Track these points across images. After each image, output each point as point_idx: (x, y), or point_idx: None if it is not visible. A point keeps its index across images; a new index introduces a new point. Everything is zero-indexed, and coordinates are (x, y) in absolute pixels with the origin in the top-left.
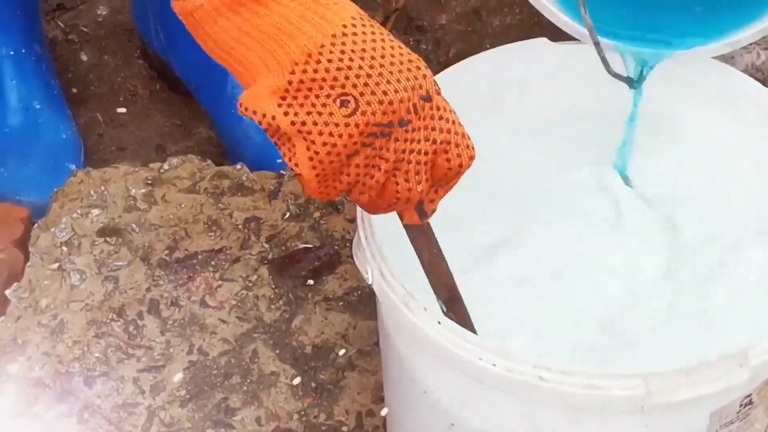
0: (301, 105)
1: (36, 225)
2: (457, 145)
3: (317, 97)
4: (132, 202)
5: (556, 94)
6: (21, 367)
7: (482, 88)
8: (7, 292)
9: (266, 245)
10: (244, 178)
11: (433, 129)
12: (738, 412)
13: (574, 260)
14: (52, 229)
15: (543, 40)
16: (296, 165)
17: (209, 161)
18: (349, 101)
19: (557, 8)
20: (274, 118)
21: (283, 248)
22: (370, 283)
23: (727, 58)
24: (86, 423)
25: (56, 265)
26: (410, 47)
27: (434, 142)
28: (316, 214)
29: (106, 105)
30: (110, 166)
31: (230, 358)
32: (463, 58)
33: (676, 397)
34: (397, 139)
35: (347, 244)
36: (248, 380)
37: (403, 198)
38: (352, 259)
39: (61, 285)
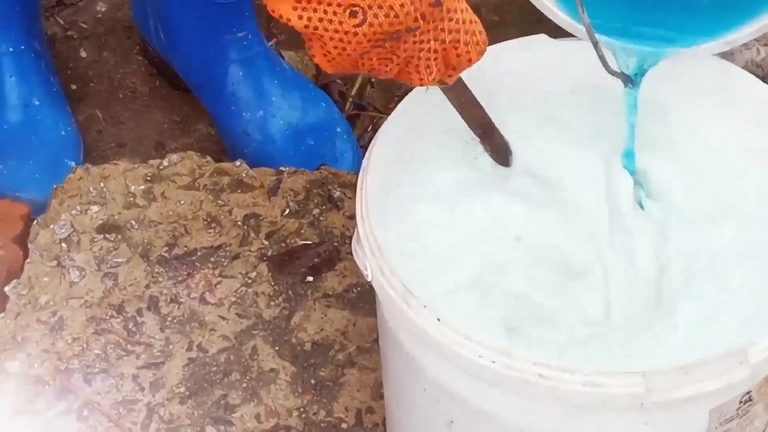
0: (314, 10)
1: (35, 222)
2: (465, 43)
3: (329, 4)
4: (131, 198)
5: (556, 91)
6: (20, 364)
7: (481, 84)
8: (7, 288)
9: (266, 242)
10: (244, 175)
11: (443, 30)
12: (738, 410)
13: (571, 255)
14: (52, 226)
15: (543, 37)
16: (314, 56)
17: (209, 158)
18: (357, 12)
19: (556, 6)
20: (289, 20)
21: (283, 245)
22: (369, 280)
23: (727, 55)
24: (86, 420)
25: (55, 261)
26: None
27: (443, 42)
28: (316, 211)
29: (105, 102)
30: (109, 163)
31: (230, 354)
32: None
33: (676, 394)
34: (405, 41)
35: (347, 241)
36: (248, 377)
37: (416, 83)
38: (352, 255)
39: (60, 282)
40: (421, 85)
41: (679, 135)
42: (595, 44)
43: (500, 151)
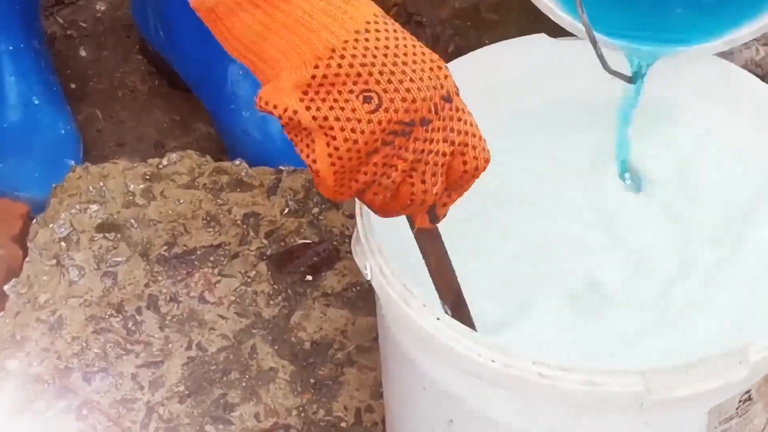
0: (323, 100)
1: (35, 221)
2: (474, 147)
3: (340, 92)
4: (131, 197)
5: (556, 90)
6: (20, 363)
7: (481, 84)
8: (6, 287)
9: (265, 241)
10: (243, 174)
11: (452, 130)
12: (737, 409)
13: (572, 254)
14: (51, 225)
15: (542, 36)
16: (314, 161)
17: (208, 157)
18: (372, 97)
19: (555, 5)
20: (295, 112)
21: (282, 244)
22: (369, 279)
23: (726, 54)
24: (85, 419)
25: (55, 260)
26: None
27: (452, 143)
28: (315, 210)
29: (105, 101)
30: (109, 162)
31: (229, 354)
32: (462, 54)
33: (676, 393)
34: (416, 139)
35: (346, 240)
36: (247, 376)
37: (418, 200)
38: (351, 254)
39: (59, 281)
40: (423, 201)
41: (678, 133)
42: (594, 43)
43: (466, 324)
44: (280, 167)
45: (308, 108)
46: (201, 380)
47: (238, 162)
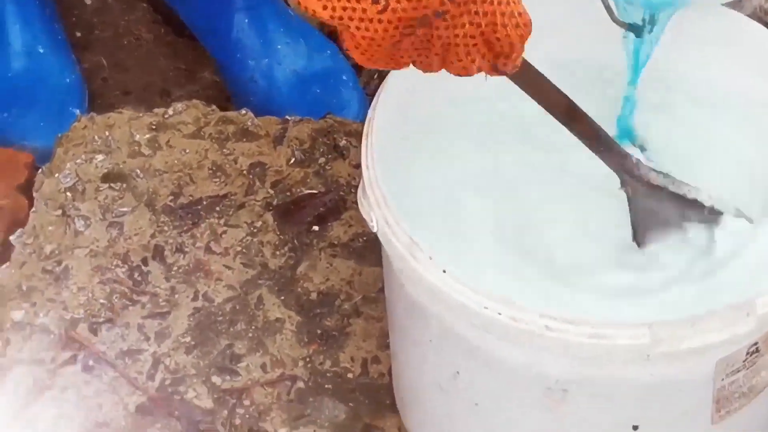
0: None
1: (40, 170)
2: (504, 26)
3: None
4: (136, 147)
5: (563, 45)
6: (26, 313)
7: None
8: (12, 237)
9: (271, 191)
10: (249, 124)
11: (476, 13)
12: (744, 361)
13: (574, 217)
14: (57, 175)
15: None
16: (347, 49)
17: (214, 106)
18: None
19: None
20: (315, 11)
21: (288, 194)
22: (375, 231)
23: (735, 2)
24: (91, 370)
25: (60, 210)
26: None
27: (478, 25)
28: (321, 160)
29: (110, 49)
30: (114, 111)
31: (235, 304)
32: None
33: (682, 345)
34: (437, 28)
35: (352, 190)
36: (253, 327)
37: (464, 73)
38: (357, 205)
39: (65, 231)
40: (469, 74)
41: (685, 87)
42: None
43: (591, 135)
44: (286, 117)
45: (325, 8)
46: (207, 331)
47: (243, 111)
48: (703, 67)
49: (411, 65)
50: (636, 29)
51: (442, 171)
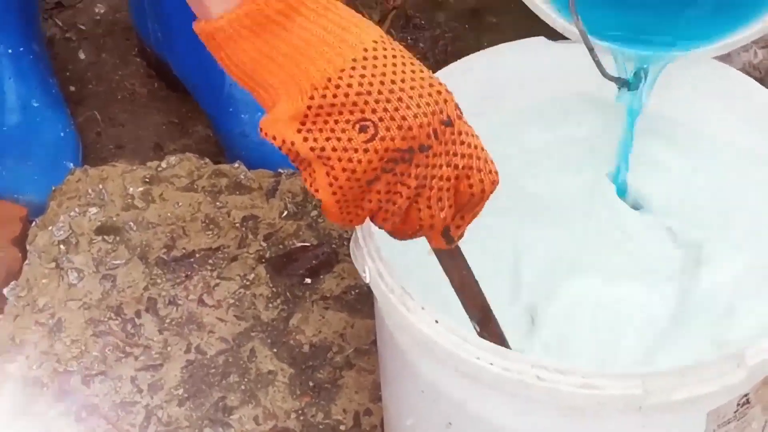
0: (321, 130)
1: (34, 223)
2: (479, 170)
3: (336, 122)
4: (130, 200)
5: (554, 93)
6: (19, 366)
7: (479, 86)
8: (5, 290)
9: (264, 244)
10: (242, 177)
11: (455, 154)
12: (735, 412)
13: (570, 265)
14: (50, 228)
15: (541, 39)
16: (316, 190)
17: (207, 159)
18: (368, 126)
19: (552, 10)
20: (293, 144)
21: (281, 247)
22: (367, 282)
23: (724, 57)
24: (84, 422)
25: (54, 263)
26: (407, 45)
27: (456, 167)
28: (314, 213)
29: (104, 103)
30: (108, 165)
31: (228, 356)
32: (461, 57)
33: (674, 396)
34: (417, 165)
35: (345, 243)
36: (246, 379)
37: (427, 225)
38: (350, 257)
39: (59, 284)
40: (432, 226)
41: (676, 138)
42: (591, 50)
43: (499, 340)
44: (279, 170)
45: (305, 139)
46: (200, 383)
47: (236, 164)
48: (693, 117)
49: (369, 220)
50: (626, 84)
51: None
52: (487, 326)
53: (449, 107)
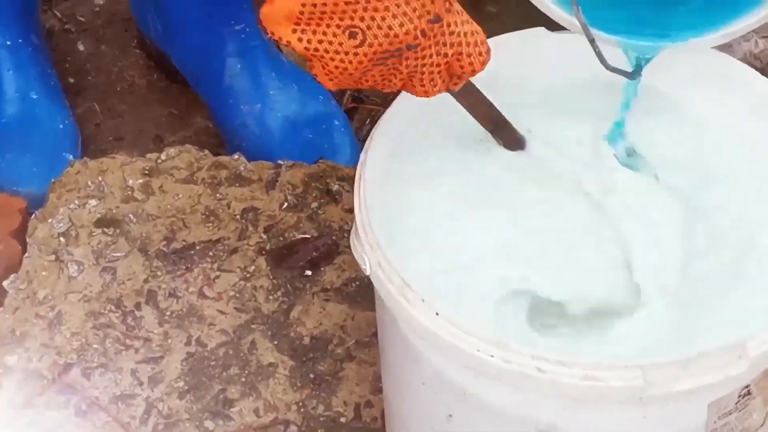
0: (314, 32)
1: (33, 216)
2: (468, 55)
3: (328, 26)
4: (129, 192)
5: (555, 83)
6: (19, 359)
7: (479, 77)
8: (5, 283)
9: (264, 236)
10: (242, 168)
11: (444, 44)
12: (736, 403)
13: (569, 243)
14: (50, 220)
15: (541, 30)
16: (316, 75)
17: (206, 151)
18: (357, 33)
19: (552, 2)
20: (289, 42)
21: (281, 239)
22: (368, 274)
23: (725, 47)
24: (84, 415)
25: (54, 256)
26: None
27: (445, 55)
28: (314, 204)
29: (103, 95)
30: (107, 157)
31: (228, 349)
32: None
33: (675, 387)
34: (407, 58)
35: (345, 235)
36: (246, 371)
37: (422, 95)
38: (350, 249)
39: (58, 276)
40: (427, 96)
41: (676, 125)
42: (592, 41)
43: (513, 143)
44: (279, 161)
45: (300, 39)
46: (200, 375)
47: (236, 156)
48: (693, 107)
49: (371, 86)
50: (628, 74)
51: (434, 214)
52: (500, 133)
53: (437, 4)
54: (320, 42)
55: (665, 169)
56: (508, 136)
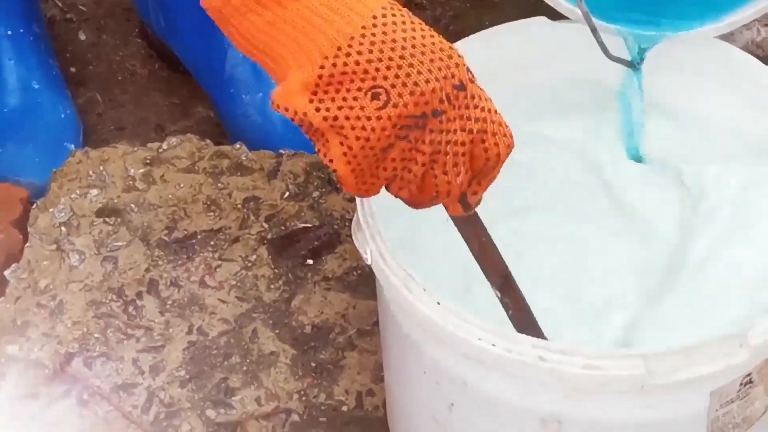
0: (333, 99)
1: (35, 205)
2: (494, 134)
3: (348, 90)
4: (131, 182)
5: (556, 73)
6: (20, 348)
7: (480, 66)
8: (6, 272)
9: (265, 225)
10: (243, 158)
11: (469, 119)
12: (738, 391)
13: (574, 235)
14: (51, 210)
15: (543, 19)
16: (331, 161)
17: (208, 141)
18: (380, 93)
19: None
20: (306, 114)
21: (283, 228)
22: (369, 263)
23: (727, 35)
24: (86, 404)
25: (55, 245)
26: None
27: (470, 131)
28: (316, 194)
29: (105, 85)
30: (109, 146)
31: (230, 338)
32: (462, 37)
33: (677, 376)
34: (432, 131)
35: (347, 224)
36: (248, 360)
37: (444, 191)
38: (352, 238)
39: (60, 266)
40: (449, 192)
41: (678, 116)
42: (594, 31)
43: (521, 308)
44: (281, 151)
45: (318, 109)
46: (202, 364)
47: (238, 146)
48: (694, 97)
49: (387, 188)
50: (630, 64)
51: None
52: (508, 291)
53: (461, 71)
54: (340, 108)
55: (667, 161)
56: (514, 296)
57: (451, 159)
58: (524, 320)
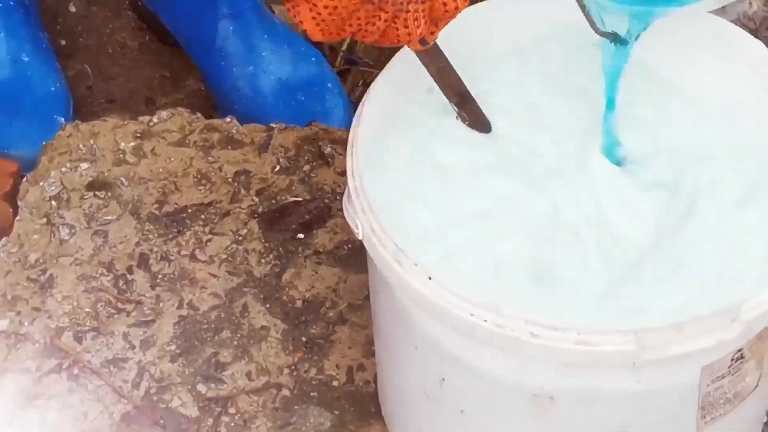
0: None
1: (25, 179)
2: None
3: None
4: (121, 155)
5: (547, 47)
6: (10, 322)
7: (473, 43)
8: None
9: (256, 199)
10: (234, 131)
11: None
12: (729, 367)
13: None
14: (41, 183)
15: None
16: (301, 22)
17: (199, 114)
18: None
19: None
20: None
21: (273, 202)
22: (360, 238)
23: (719, 9)
24: (76, 378)
25: (45, 219)
26: None
27: None
28: (306, 168)
29: (95, 57)
30: (99, 120)
31: (220, 312)
32: None
33: (668, 352)
34: None
35: (337, 198)
36: (238, 335)
37: (404, 40)
38: (343, 212)
39: (50, 239)
40: (409, 41)
41: (667, 90)
42: (582, 7)
43: (478, 119)
44: (271, 124)
45: None
46: (192, 339)
47: (228, 119)
48: (688, 71)
49: (352, 36)
50: (618, 38)
51: (427, 178)
52: (465, 106)
53: None
54: None
55: (652, 145)
56: (472, 111)
57: (412, 15)
58: (479, 126)
